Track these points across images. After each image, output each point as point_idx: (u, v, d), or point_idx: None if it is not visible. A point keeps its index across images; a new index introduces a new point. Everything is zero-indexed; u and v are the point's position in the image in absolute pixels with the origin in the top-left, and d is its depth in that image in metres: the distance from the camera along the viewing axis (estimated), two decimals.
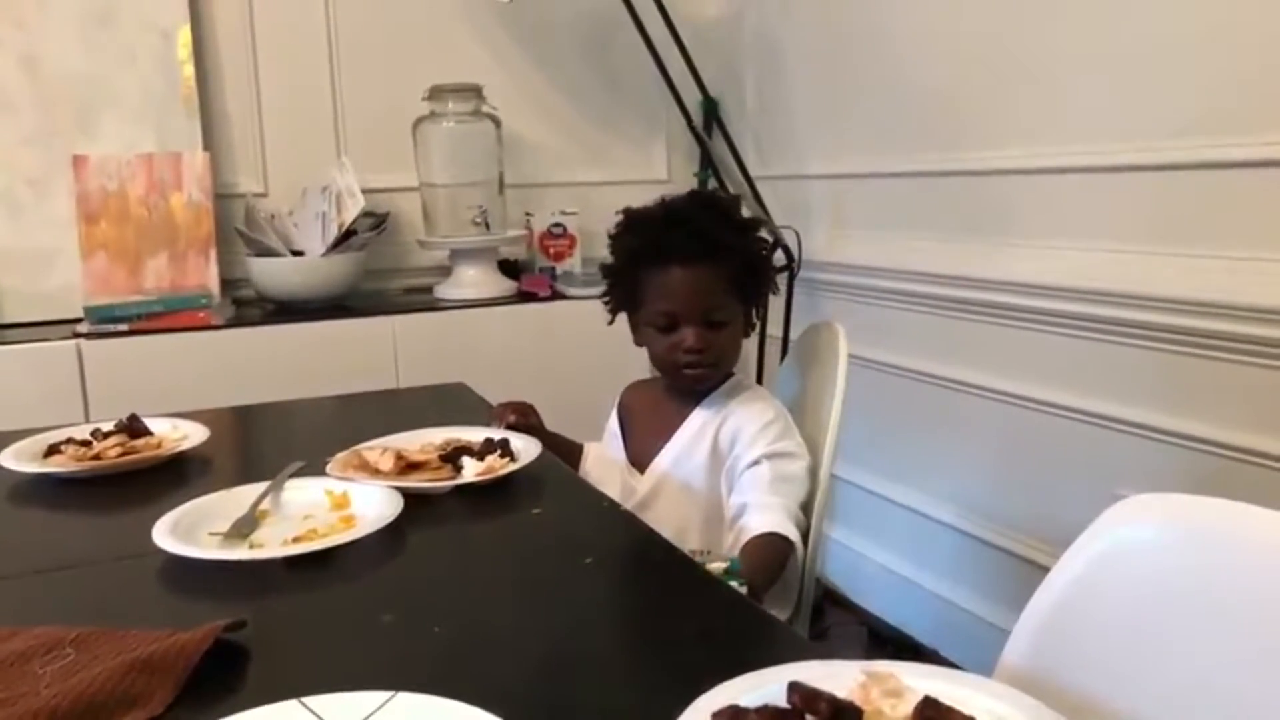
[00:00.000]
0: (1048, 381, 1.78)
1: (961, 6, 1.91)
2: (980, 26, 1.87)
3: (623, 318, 1.35)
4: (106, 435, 1.29)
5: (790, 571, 1.20)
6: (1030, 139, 1.78)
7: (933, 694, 0.58)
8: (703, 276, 1.24)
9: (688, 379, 1.29)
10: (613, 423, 1.42)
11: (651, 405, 1.37)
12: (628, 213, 1.32)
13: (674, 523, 1.24)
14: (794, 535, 1.18)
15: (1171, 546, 0.72)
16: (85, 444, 1.27)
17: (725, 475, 1.28)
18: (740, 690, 0.59)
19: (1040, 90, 1.75)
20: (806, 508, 1.26)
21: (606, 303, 1.35)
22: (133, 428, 1.30)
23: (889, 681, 0.60)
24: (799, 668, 0.62)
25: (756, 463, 1.23)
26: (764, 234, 1.32)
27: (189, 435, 1.32)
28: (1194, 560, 0.71)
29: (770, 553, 1.16)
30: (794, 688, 0.58)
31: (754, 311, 1.32)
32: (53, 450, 1.26)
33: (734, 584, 0.93)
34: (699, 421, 1.30)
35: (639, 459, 1.36)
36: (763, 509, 1.19)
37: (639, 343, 1.34)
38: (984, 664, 0.78)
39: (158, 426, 1.34)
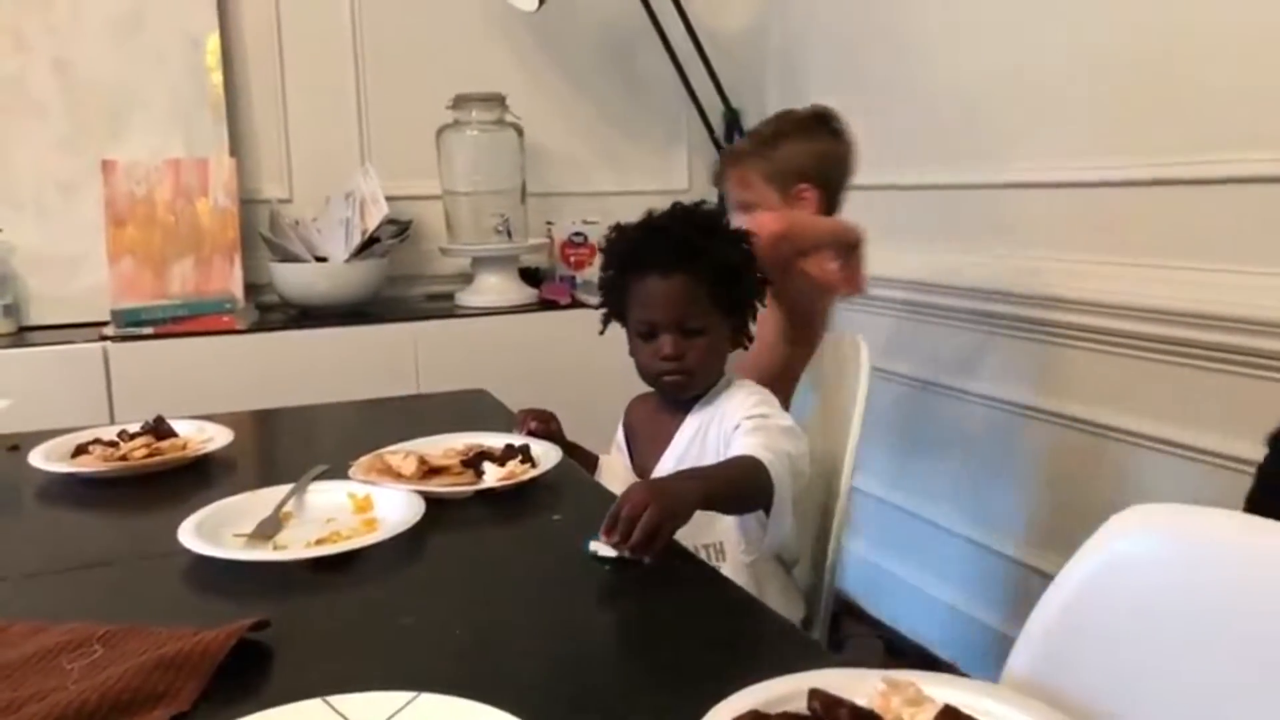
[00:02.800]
0: (1067, 396, 1.77)
1: (984, 20, 1.91)
2: (1003, 40, 1.87)
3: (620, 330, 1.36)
4: (133, 436, 1.30)
5: (780, 511, 1.16)
6: (1055, 152, 1.78)
7: (953, 703, 0.58)
8: (679, 285, 1.25)
9: (667, 387, 1.31)
10: (619, 436, 1.43)
11: (650, 417, 1.39)
12: (617, 226, 1.34)
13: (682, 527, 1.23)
14: (765, 459, 1.14)
15: (1173, 556, 0.72)
16: (112, 445, 1.28)
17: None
18: (761, 696, 0.60)
19: (1066, 104, 1.75)
20: (825, 503, 1.23)
21: (601, 314, 1.36)
22: (159, 429, 1.32)
23: (909, 690, 0.60)
24: (820, 675, 0.62)
25: (738, 426, 1.24)
26: (748, 244, 1.30)
27: (214, 437, 1.33)
28: (1195, 570, 0.71)
29: (729, 467, 1.14)
30: (814, 694, 0.59)
31: (743, 323, 1.31)
32: (80, 450, 1.28)
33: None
34: (693, 426, 1.32)
35: (643, 470, 1.37)
36: (739, 449, 1.18)
37: (632, 353, 1.36)
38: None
39: (183, 428, 1.35)
